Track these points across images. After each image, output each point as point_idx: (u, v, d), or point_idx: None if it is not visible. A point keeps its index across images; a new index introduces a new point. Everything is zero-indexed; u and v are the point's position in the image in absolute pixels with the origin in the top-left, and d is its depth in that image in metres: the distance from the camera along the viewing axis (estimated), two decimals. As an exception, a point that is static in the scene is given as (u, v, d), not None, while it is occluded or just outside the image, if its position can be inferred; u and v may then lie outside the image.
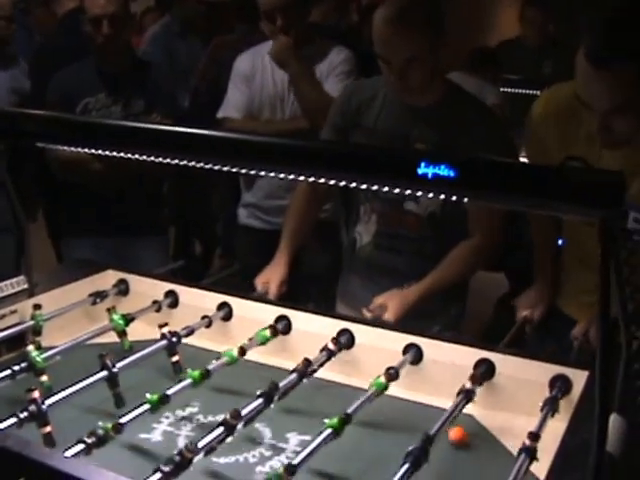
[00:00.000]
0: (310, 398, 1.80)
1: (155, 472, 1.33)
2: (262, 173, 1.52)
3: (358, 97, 2.48)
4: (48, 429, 1.46)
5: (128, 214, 3.23)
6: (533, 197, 1.19)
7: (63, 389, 1.60)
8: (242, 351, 1.85)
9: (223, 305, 2.13)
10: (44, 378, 1.74)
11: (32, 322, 2.02)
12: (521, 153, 2.55)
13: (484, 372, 1.80)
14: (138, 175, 3.08)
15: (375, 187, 1.32)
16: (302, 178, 1.43)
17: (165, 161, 1.66)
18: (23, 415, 1.45)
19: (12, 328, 1.99)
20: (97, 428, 1.43)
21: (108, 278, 2.32)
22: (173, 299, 2.22)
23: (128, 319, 2.02)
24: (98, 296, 2.21)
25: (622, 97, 1.82)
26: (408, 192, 1.30)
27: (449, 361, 1.86)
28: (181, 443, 1.63)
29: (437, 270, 2.38)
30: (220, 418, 1.51)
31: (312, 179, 1.41)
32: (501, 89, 4.73)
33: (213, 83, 4.36)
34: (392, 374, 1.74)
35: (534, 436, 1.45)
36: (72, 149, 1.88)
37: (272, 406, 1.63)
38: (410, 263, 2.42)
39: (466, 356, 1.84)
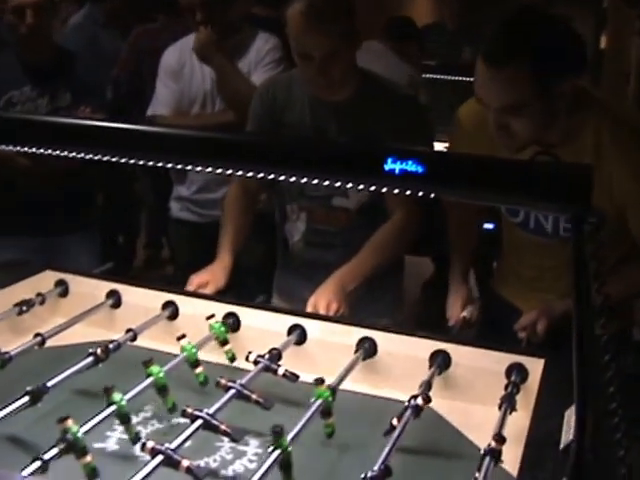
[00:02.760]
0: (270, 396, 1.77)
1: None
2: (198, 169, 1.47)
3: (276, 94, 2.45)
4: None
5: (55, 211, 3.14)
6: (502, 192, 1.18)
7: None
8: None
9: (169, 304, 2.08)
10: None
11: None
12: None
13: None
14: (66, 170, 2.99)
15: (338, 183, 1.28)
16: (259, 175, 1.37)
17: (95, 158, 1.59)
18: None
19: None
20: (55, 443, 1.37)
21: (46, 279, 2.25)
22: (115, 299, 2.16)
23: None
24: (24, 304, 2.08)
25: (514, 96, 1.88)
26: (373, 188, 1.27)
27: (404, 353, 1.85)
28: (138, 450, 1.58)
29: (360, 253, 2.35)
30: (176, 421, 1.48)
31: (271, 176, 1.37)
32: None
33: (134, 74, 4.29)
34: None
35: (499, 438, 1.42)
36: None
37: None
38: (342, 256, 2.39)
39: (421, 347, 1.83)
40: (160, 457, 1.34)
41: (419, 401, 1.57)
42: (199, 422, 1.47)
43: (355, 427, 1.68)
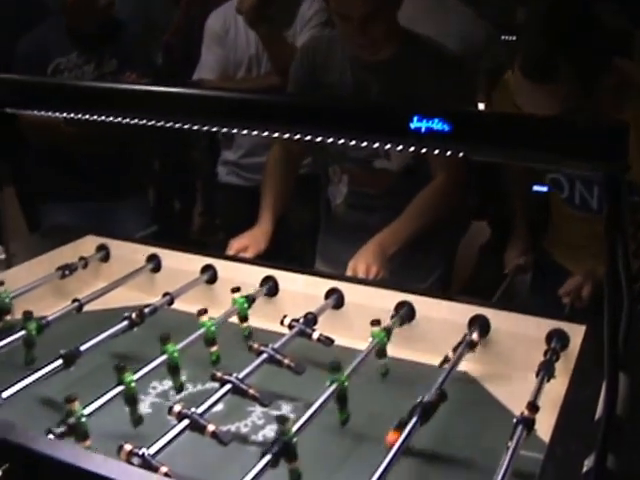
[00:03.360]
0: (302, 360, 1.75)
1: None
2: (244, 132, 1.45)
3: (316, 55, 2.41)
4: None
5: (106, 177, 3.15)
6: (532, 150, 1.13)
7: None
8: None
9: (207, 268, 2.07)
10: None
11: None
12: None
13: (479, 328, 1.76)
14: (114, 137, 3.00)
15: (364, 144, 1.25)
16: (286, 136, 1.34)
17: (141, 123, 1.58)
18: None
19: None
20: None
21: (88, 244, 2.25)
22: (155, 263, 2.16)
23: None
24: (67, 269, 2.10)
25: (560, 105, 1.84)
26: (399, 148, 1.23)
27: (442, 318, 1.81)
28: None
29: (402, 215, 2.33)
30: (209, 386, 1.47)
31: (297, 137, 1.34)
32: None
33: (186, 39, 4.27)
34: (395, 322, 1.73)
35: (533, 407, 1.39)
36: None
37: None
38: (384, 219, 2.36)
39: (460, 313, 1.79)
40: (186, 421, 1.33)
41: (474, 336, 1.62)
42: (228, 386, 1.46)
43: (387, 392, 1.66)
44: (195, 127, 1.42)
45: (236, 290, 1.87)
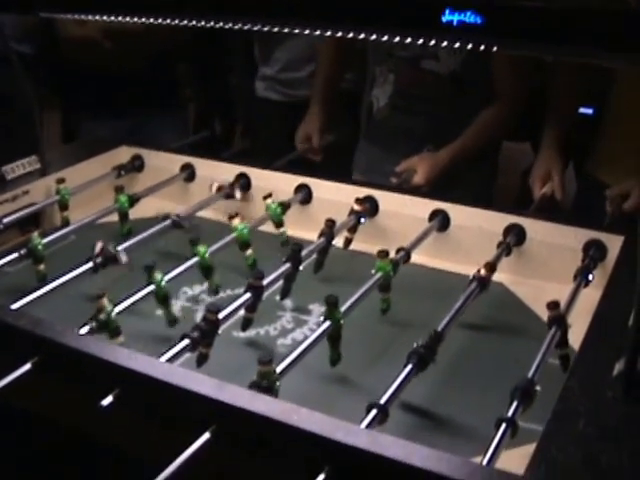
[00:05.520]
0: (332, 268, 1.74)
1: (182, 338, 1.27)
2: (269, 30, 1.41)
3: None
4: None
5: (143, 93, 3.12)
6: (568, 43, 1.09)
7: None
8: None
9: (241, 176, 2.05)
10: (41, 267, 1.65)
11: (57, 197, 1.96)
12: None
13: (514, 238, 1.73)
14: (152, 52, 2.97)
15: (397, 39, 1.21)
16: (317, 33, 1.31)
17: (181, 23, 1.54)
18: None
19: (26, 209, 1.93)
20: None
21: (122, 154, 2.25)
22: (189, 172, 2.15)
23: (134, 199, 1.94)
24: (122, 169, 2.16)
25: None
26: (432, 43, 1.19)
27: (477, 227, 1.78)
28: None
29: (465, 135, 2.30)
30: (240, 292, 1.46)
31: (328, 33, 1.31)
32: None
33: None
34: (402, 257, 1.64)
35: (559, 306, 1.37)
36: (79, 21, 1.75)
37: (301, 268, 1.59)
38: (427, 125, 2.33)
39: (495, 221, 1.76)
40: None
41: (482, 272, 1.52)
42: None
43: (420, 302, 1.64)
44: (237, 27, 1.40)
45: (268, 196, 1.85)
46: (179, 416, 1.09)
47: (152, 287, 1.44)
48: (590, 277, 1.58)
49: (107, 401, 1.09)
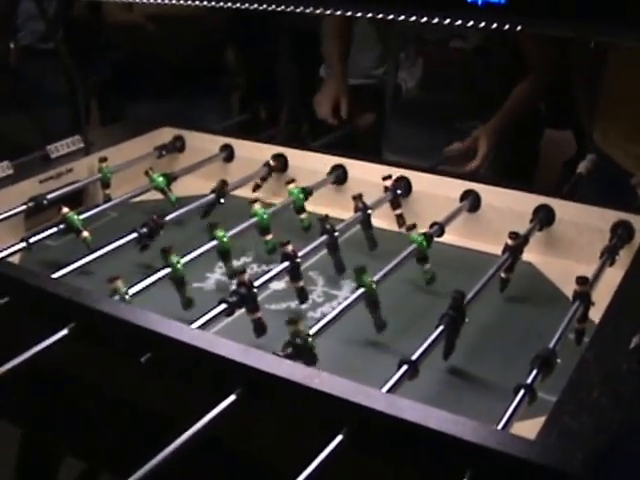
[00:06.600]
0: (364, 246, 1.78)
1: (220, 303, 1.34)
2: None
3: None
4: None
5: (187, 77, 3.17)
6: (595, 22, 1.11)
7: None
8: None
9: (278, 156, 2.09)
10: (85, 234, 1.72)
11: (99, 175, 2.02)
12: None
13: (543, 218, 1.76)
14: (196, 36, 3.02)
15: (424, 19, 1.24)
16: (348, 13, 1.35)
17: (223, 5, 1.58)
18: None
19: (69, 186, 1.99)
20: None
21: (164, 135, 2.29)
22: (228, 152, 2.19)
23: (170, 177, 1.99)
24: (164, 149, 2.21)
25: None
26: (458, 23, 1.22)
27: (507, 207, 1.81)
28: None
29: (505, 109, 2.40)
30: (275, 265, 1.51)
31: (359, 14, 1.34)
32: None
33: None
34: (435, 230, 1.69)
35: (588, 281, 1.40)
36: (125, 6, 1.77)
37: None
38: (459, 99, 2.40)
39: (525, 202, 1.78)
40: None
41: (509, 242, 1.58)
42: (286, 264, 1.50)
43: (453, 275, 1.67)
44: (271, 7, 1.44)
45: (291, 181, 1.88)
46: (209, 379, 1.14)
47: (168, 270, 1.48)
48: (615, 255, 1.60)
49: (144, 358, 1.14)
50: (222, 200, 1.89)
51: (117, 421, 1.34)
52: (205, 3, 1.57)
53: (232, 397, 1.06)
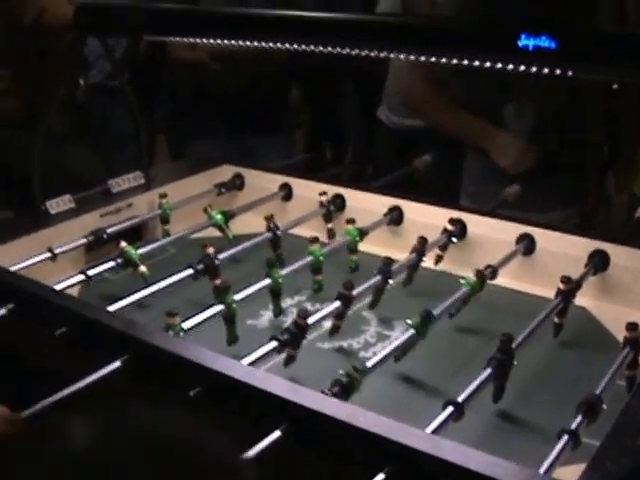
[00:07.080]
0: (419, 286, 1.79)
1: (271, 340, 1.36)
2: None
3: None
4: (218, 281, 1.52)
5: (249, 114, 3.21)
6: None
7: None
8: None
9: (337, 197, 2.12)
10: (142, 268, 1.75)
11: (159, 211, 2.06)
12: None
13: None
14: (259, 75, 3.06)
15: (476, 64, 1.26)
16: (411, 58, 1.37)
17: (292, 48, 1.62)
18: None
19: (129, 221, 2.03)
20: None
21: (224, 173, 2.33)
22: (287, 191, 2.22)
23: (228, 215, 2.03)
24: (223, 186, 2.25)
25: None
26: (510, 67, 1.24)
27: (562, 252, 1.80)
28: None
29: None
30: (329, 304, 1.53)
31: (422, 59, 1.36)
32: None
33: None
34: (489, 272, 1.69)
35: (638, 327, 1.40)
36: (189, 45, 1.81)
37: (391, 282, 1.65)
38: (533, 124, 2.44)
39: (580, 246, 1.78)
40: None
41: (561, 286, 1.57)
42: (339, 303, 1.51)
43: (504, 319, 1.66)
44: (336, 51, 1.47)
45: (351, 222, 1.90)
46: (255, 414, 1.16)
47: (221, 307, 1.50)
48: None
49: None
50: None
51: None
52: (263, 44, 1.61)
53: (277, 433, 1.07)
